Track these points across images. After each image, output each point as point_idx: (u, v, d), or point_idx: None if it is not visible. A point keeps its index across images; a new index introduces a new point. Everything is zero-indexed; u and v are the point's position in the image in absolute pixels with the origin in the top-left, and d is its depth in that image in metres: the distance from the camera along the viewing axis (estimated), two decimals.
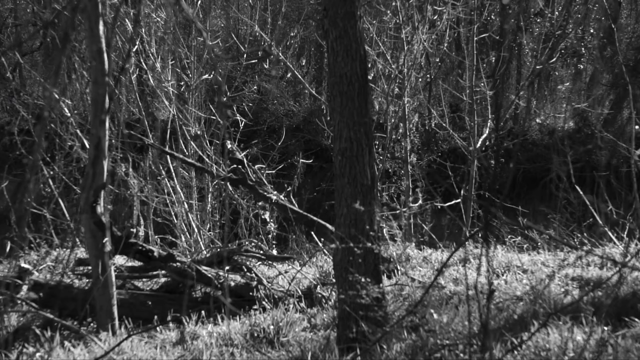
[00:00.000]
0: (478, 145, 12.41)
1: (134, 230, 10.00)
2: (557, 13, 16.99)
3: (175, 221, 10.79)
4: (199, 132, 11.06)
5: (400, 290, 6.47)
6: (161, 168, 10.97)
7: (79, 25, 7.14)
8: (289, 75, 18.39)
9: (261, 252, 8.24)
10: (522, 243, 8.90)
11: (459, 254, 6.76)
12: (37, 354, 5.15)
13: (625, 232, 7.89)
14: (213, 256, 7.47)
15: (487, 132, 12.74)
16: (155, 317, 6.21)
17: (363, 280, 4.53)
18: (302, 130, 18.43)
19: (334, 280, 6.16)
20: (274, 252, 9.76)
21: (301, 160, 12.38)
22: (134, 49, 10.40)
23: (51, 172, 9.38)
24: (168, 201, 10.79)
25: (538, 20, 17.86)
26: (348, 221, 4.99)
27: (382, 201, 12.49)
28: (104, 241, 5.56)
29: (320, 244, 8.20)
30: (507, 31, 17.24)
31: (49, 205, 9.27)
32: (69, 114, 9.01)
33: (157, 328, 5.90)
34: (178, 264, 6.69)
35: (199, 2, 11.85)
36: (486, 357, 3.62)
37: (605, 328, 4.44)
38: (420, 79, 13.09)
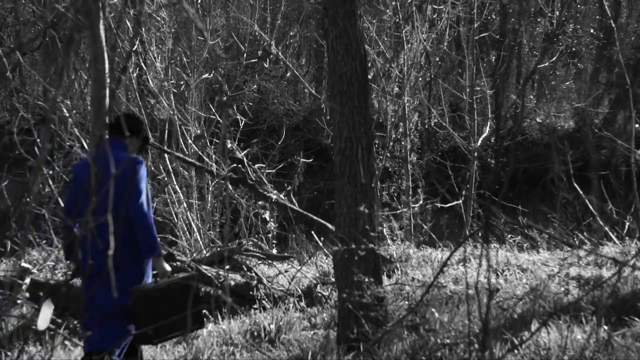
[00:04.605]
0: (478, 144, 12.41)
1: None
2: (557, 13, 16.99)
3: (175, 220, 10.79)
4: (199, 132, 11.05)
5: (400, 290, 6.48)
6: (161, 167, 10.96)
7: (81, 26, 7.13)
8: (288, 74, 18.39)
9: (261, 251, 8.25)
10: (522, 242, 8.91)
11: (460, 253, 6.76)
12: (38, 354, 5.15)
13: (625, 232, 7.91)
14: (213, 255, 7.48)
15: (487, 131, 12.75)
16: None
17: (367, 280, 4.53)
18: (302, 129, 18.43)
19: (333, 279, 6.16)
20: (274, 251, 9.76)
21: (301, 159, 12.37)
22: (134, 49, 10.39)
23: (51, 172, 9.38)
24: (168, 200, 10.79)
25: (538, 19, 17.86)
26: (348, 220, 4.99)
27: (382, 201, 12.49)
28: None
29: (321, 244, 8.21)
30: (507, 30, 17.24)
31: (49, 204, 9.26)
32: (67, 114, 9.01)
33: None
34: (178, 263, 6.69)
35: (199, 1, 11.85)
36: (486, 356, 3.62)
37: (606, 327, 4.44)
38: (420, 78, 13.09)
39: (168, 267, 4.69)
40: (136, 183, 4.49)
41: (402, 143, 12.66)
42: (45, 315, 4.57)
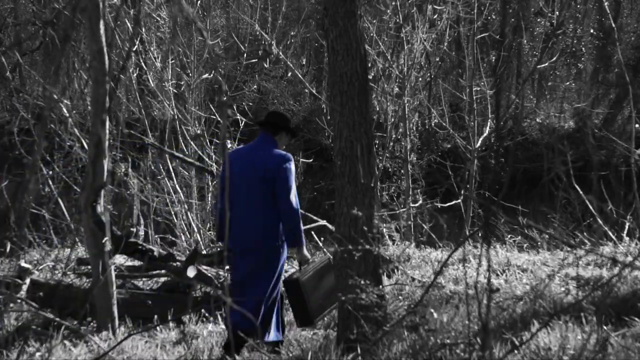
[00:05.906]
0: (478, 144, 12.40)
1: (134, 229, 9.99)
2: (557, 13, 16.98)
3: (175, 221, 10.78)
4: (199, 132, 11.04)
5: (400, 290, 6.48)
6: (161, 167, 10.95)
7: (79, 25, 7.14)
8: (289, 74, 18.37)
9: None
10: (522, 242, 8.90)
11: (459, 253, 6.75)
12: (38, 354, 5.15)
13: (625, 232, 7.90)
14: (213, 255, 7.46)
15: (487, 131, 12.74)
16: (156, 316, 6.20)
17: (363, 282, 4.52)
18: (302, 129, 18.40)
19: None
20: None
21: (301, 159, 12.36)
22: (134, 49, 10.39)
23: (50, 172, 9.37)
24: (168, 201, 10.78)
25: (538, 19, 17.86)
26: (348, 221, 4.98)
27: (382, 201, 12.49)
28: (103, 241, 5.56)
29: (320, 244, 8.20)
30: (507, 30, 17.24)
31: (49, 205, 9.26)
32: (67, 114, 9.00)
33: (158, 327, 5.90)
34: (178, 263, 6.68)
35: (199, 1, 11.84)
36: (486, 356, 3.62)
37: (606, 327, 4.43)
38: (420, 79, 13.08)
39: (308, 255, 5.29)
40: (288, 179, 5.08)
41: (402, 143, 12.66)
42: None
